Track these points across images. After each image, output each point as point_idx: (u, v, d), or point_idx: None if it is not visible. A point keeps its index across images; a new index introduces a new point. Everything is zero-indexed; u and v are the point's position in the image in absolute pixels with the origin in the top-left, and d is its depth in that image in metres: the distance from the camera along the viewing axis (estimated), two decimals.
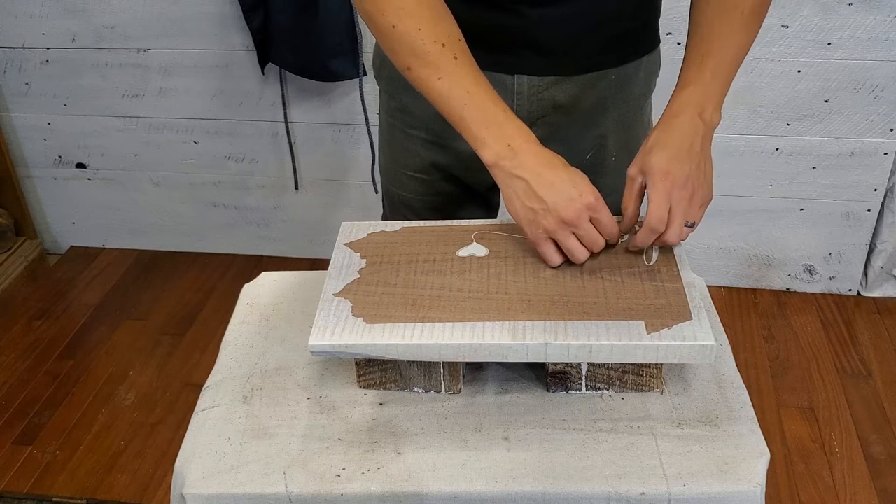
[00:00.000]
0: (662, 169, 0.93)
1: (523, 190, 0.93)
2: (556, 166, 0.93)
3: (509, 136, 0.94)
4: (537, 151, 0.94)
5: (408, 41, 0.95)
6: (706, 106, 0.97)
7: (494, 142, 0.94)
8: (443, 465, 0.85)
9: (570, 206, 0.91)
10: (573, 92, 1.11)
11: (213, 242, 2.57)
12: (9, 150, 2.46)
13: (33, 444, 1.90)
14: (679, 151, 0.94)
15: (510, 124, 0.95)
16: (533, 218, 0.93)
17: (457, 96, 0.94)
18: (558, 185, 0.91)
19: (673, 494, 0.82)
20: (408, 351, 0.87)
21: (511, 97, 1.11)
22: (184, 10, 2.16)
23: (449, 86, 0.95)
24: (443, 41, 0.94)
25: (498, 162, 0.94)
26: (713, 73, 0.98)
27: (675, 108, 0.97)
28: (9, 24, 2.26)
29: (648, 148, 0.95)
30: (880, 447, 1.83)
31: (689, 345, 0.85)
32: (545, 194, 0.91)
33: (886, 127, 2.04)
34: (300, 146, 2.34)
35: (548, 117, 1.13)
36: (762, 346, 2.14)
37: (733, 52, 1.00)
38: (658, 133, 0.96)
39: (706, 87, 0.98)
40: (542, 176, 0.92)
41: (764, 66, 2.01)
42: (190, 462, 0.88)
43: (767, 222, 2.24)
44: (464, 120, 0.95)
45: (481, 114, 0.94)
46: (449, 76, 0.94)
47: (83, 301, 2.40)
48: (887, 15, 1.90)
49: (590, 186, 0.93)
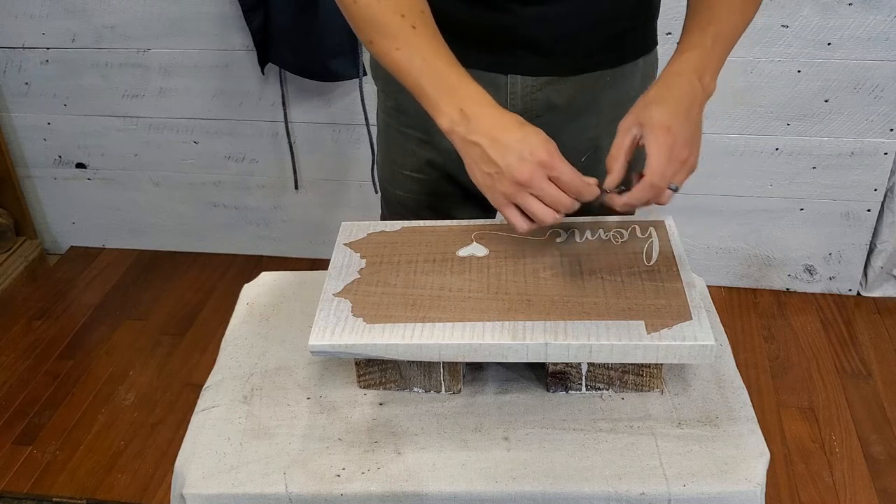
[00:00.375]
0: (664, 124, 0.90)
1: (479, 155, 0.91)
2: (509, 127, 0.90)
3: (462, 100, 0.92)
4: (491, 114, 0.91)
5: (369, 13, 0.94)
6: (705, 71, 0.95)
7: (448, 107, 0.92)
8: (443, 465, 0.85)
9: (522, 167, 0.87)
10: (568, 93, 1.10)
11: (213, 242, 2.57)
12: (9, 150, 2.46)
13: (33, 444, 1.90)
14: (679, 110, 0.92)
15: (465, 89, 0.93)
16: (490, 183, 0.91)
17: (415, 66, 0.93)
18: (511, 146, 0.88)
19: (673, 494, 0.82)
20: (408, 351, 0.87)
21: (505, 97, 1.10)
22: (184, 10, 2.16)
23: (408, 55, 0.94)
24: (402, 12, 0.94)
25: (453, 128, 0.92)
26: (714, 40, 0.97)
27: (676, 68, 0.96)
28: (9, 24, 2.26)
29: (647, 101, 0.93)
30: (880, 447, 1.82)
31: (689, 345, 0.85)
32: (498, 157, 0.89)
33: (886, 127, 2.04)
34: (300, 146, 2.34)
35: (542, 118, 1.12)
36: (762, 346, 2.14)
37: (732, 28, 0.99)
38: (659, 89, 0.94)
39: (707, 53, 0.96)
40: (495, 139, 0.89)
41: (764, 66, 2.01)
42: (190, 462, 0.88)
43: (767, 222, 2.24)
44: (421, 88, 0.93)
45: (436, 80, 0.93)
46: (407, 46, 0.94)
47: (83, 301, 2.40)
48: (887, 15, 1.90)
49: (543, 143, 0.88)
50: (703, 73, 0.95)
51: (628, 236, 1.01)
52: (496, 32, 1.05)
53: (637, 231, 1.02)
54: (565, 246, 1.00)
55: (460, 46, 1.07)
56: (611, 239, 1.01)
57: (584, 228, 1.04)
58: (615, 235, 1.02)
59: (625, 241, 1.00)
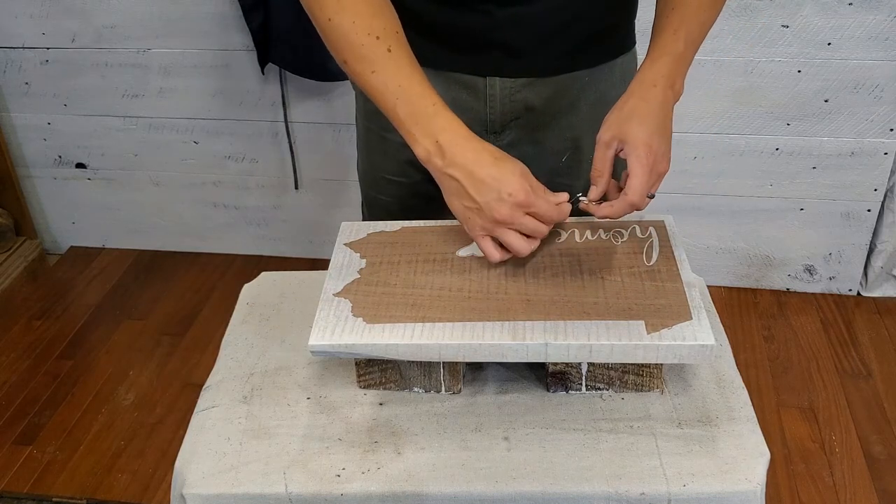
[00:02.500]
0: (645, 142, 0.92)
1: (457, 189, 0.92)
2: (485, 163, 0.91)
3: (438, 130, 0.92)
4: (466, 146, 0.92)
5: (343, 34, 0.94)
6: (677, 77, 0.97)
7: (423, 137, 0.92)
8: (443, 465, 0.85)
9: (501, 207, 0.89)
10: (546, 94, 1.10)
11: (213, 242, 2.57)
12: (9, 150, 2.46)
13: (33, 444, 1.90)
14: (658, 125, 0.93)
15: (439, 118, 0.93)
16: (469, 216, 0.92)
17: (390, 91, 0.93)
18: (489, 184, 0.89)
19: (673, 494, 0.82)
20: (408, 351, 0.87)
21: (484, 99, 1.10)
22: (184, 10, 2.16)
23: (383, 80, 0.93)
24: (377, 34, 0.93)
25: (430, 159, 0.93)
26: (686, 43, 0.97)
27: (651, 77, 0.96)
28: (9, 24, 2.26)
29: (626, 115, 0.94)
30: (880, 447, 1.82)
31: (689, 345, 0.85)
32: (476, 194, 0.90)
33: (886, 127, 2.04)
34: (300, 146, 2.34)
35: (521, 119, 1.12)
36: (762, 346, 2.14)
37: (702, 26, 0.99)
38: (636, 102, 0.95)
39: (679, 58, 0.97)
40: (472, 175, 0.90)
41: (764, 66, 2.01)
42: (190, 462, 0.88)
43: (767, 222, 2.24)
44: (397, 115, 0.94)
45: (411, 108, 0.93)
46: (382, 70, 0.93)
47: (83, 301, 2.40)
48: (887, 15, 1.90)
49: (521, 183, 0.89)
50: (676, 80, 0.97)
51: (628, 236, 1.01)
52: (473, 35, 1.05)
53: (637, 231, 1.02)
54: (565, 246, 1.00)
55: (438, 49, 1.07)
56: (611, 239, 1.01)
57: (584, 228, 1.03)
58: (615, 235, 1.02)
59: (625, 241, 1.00)
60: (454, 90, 1.11)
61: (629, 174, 0.93)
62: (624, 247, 0.99)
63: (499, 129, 1.14)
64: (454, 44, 1.06)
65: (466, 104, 1.11)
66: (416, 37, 1.08)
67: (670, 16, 0.99)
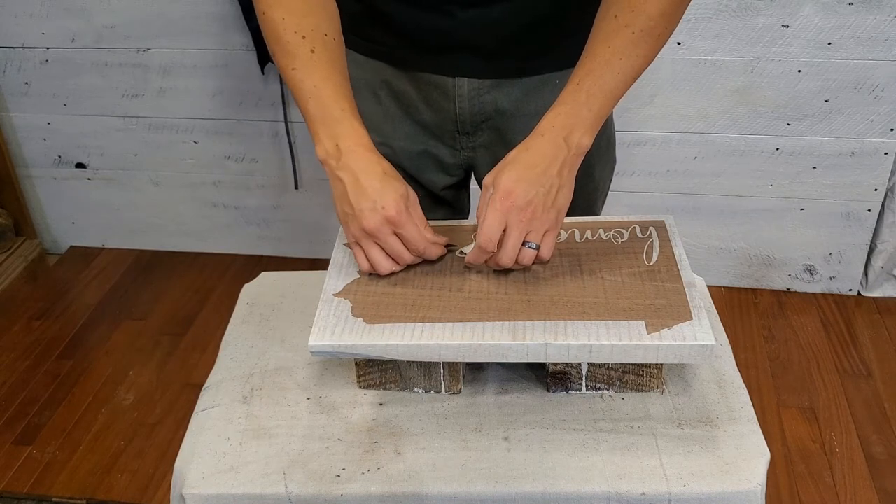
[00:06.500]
0: (506, 188, 0.90)
1: (341, 193, 0.93)
2: (373, 175, 0.92)
3: (340, 135, 0.94)
4: (362, 156, 0.94)
5: (273, 28, 0.97)
6: (574, 130, 0.92)
7: (326, 138, 0.95)
8: (443, 465, 0.85)
9: (371, 217, 0.91)
10: (516, 96, 1.10)
11: (213, 242, 2.57)
12: (9, 150, 2.46)
13: (33, 444, 1.90)
14: (529, 173, 0.90)
15: (345, 124, 0.95)
16: (345, 221, 0.94)
17: (306, 89, 0.95)
18: (368, 193, 0.91)
19: (673, 494, 0.82)
20: (408, 351, 0.87)
21: (453, 99, 1.10)
22: (184, 10, 2.16)
23: (301, 77, 0.96)
24: (304, 34, 0.96)
25: (326, 160, 0.95)
26: (589, 94, 0.92)
27: (541, 127, 0.94)
28: (9, 24, 2.26)
29: (506, 161, 0.93)
30: (880, 447, 1.82)
31: (689, 345, 0.85)
32: (355, 200, 0.92)
33: (887, 127, 2.04)
34: (300, 146, 2.34)
35: (491, 121, 1.13)
36: (762, 346, 2.14)
37: (616, 74, 0.93)
38: (518, 150, 0.93)
39: (578, 110, 0.93)
40: (357, 181, 0.92)
41: (764, 66, 2.01)
42: (190, 462, 0.88)
43: (767, 222, 2.24)
44: (308, 112, 0.96)
45: (321, 110, 0.95)
46: (302, 68, 0.96)
47: (83, 301, 2.40)
48: (887, 15, 1.90)
49: (396, 199, 0.91)
50: (572, 132, 0.92)
51: (628, 236, 1.01)
52: (439, 36, 1.06)
53: (637, 231, 1.02)
54: (565, 246, 1.00)
55: (407, 50, 1.08)
56: (611, 239, 1.01)
57: (585, 228, 1.03)
58: (615, 235, 1.02)
59: (625, 241, 1.00)
60: (426, 90, 1.12)
61: (483, 220, 0.91)
62: (624, 247, 0.99)
63: (471, 130, 1.14)
64: (422, 44, 1.07)
65: (438, 104, 1.12)
66: (388, 37, 1.09)
67: (581, 63, 0.94)
